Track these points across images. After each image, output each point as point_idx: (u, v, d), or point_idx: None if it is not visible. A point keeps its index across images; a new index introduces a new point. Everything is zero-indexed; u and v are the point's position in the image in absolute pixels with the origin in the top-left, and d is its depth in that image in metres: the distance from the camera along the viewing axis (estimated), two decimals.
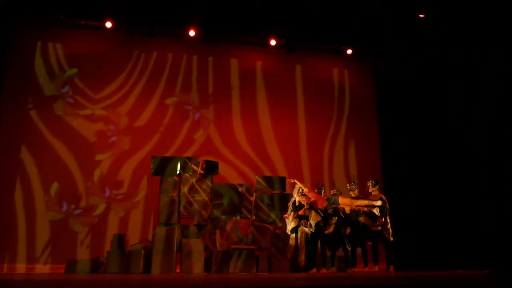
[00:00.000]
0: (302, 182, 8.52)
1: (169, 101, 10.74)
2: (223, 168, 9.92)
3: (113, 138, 10.29)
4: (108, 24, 10.30)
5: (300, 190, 8.12)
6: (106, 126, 10.31)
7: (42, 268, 9.31)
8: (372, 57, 11.74)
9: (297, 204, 8.08)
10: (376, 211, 7.92)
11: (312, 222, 7.77)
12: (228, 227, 8.63)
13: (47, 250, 9.49)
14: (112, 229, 9.68)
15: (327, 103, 11.61)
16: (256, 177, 9.32)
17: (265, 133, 11.10)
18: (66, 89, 10.31)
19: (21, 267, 9.25)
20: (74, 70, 10.38)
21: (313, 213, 7.83)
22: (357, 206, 8.04)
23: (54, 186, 9.75)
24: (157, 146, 10.35)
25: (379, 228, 7.99)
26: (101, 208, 9.88)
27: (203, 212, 8.62)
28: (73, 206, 9.76)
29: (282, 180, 9.21)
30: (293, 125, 11.31)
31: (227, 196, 8.82)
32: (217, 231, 8.46)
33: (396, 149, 10.99)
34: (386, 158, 11.24)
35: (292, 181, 8.45)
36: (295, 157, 11.12)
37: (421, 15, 10.23)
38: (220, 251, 8.27)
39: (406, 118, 10.92)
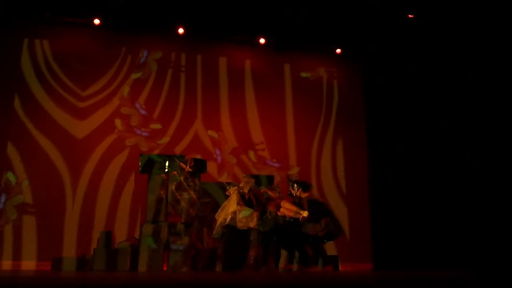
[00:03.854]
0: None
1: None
2: (211, 166, 9.94)
3: None
4: (96, 21, 10.26)
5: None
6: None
7: (29, 265, 9.28)
8: (360, 57, 11.79)
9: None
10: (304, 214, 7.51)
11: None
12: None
13: (34, 246, 9.47)
14: (99, 226, 9.67)
15: (316, 102, 11.66)
16: (244, 175, 9.35)
17: (253, 131, 11.12)
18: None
19: (7, 264, 9.23)
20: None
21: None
22: (284, 210, 7.70)
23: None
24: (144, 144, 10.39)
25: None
26: None
27: (191, 210, 8.63)
28: None
29: (270, 178, 9.25)
30: (282, 124, 11.34)
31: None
32: (205, 229, 8.48)
33: (383, 147, 11.07)
34: (373, 156, 11.33)
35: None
36: (283, 155, 11.16)
37: (410, 15, 10.31)
38: (207, 249, 8.29)
39: (394, 117, 11.01)
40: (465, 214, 9.43)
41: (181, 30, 10.69)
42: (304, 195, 7.84)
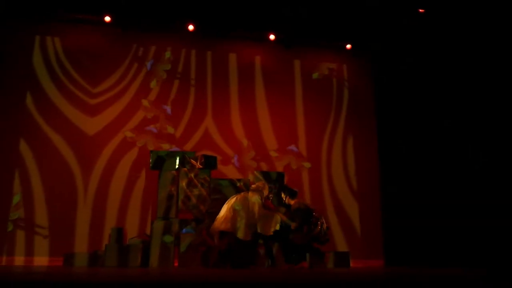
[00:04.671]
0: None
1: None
2: (221, 163, 9.97)
3: None
4: (107, 18, 10.30)
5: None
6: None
7: (41, 261, 9.37)
8: (370, 53, 11.73)
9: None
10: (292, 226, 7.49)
11: None
12: None
13: (46, 242, 9.55)
14: (111, 222, 9.73)
15: (326, 98, 11.63)
16: (254, 171, 9.36)
17: (263, 128, 11.12)
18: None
19: (19, 260, 9.32)
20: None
21: None
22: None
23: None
24: (153, 142, 10.42)
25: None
26: None
27: (201, 207, 8.65)
28: None
29: (280, 175, 9.25)
30: (292, 120, 11.32)
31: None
32: None
33: (394, 144, 11.01)
34: (384, 153, 11.27)
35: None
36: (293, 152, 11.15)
37: (421, 10, 10.23)
38: (217, 245, 8.30)
39: (405, 114, 10.93)
40: (477, 213, 9.35)
41: (191, 27, 10.70)
42: (291, 201, 7.82)
